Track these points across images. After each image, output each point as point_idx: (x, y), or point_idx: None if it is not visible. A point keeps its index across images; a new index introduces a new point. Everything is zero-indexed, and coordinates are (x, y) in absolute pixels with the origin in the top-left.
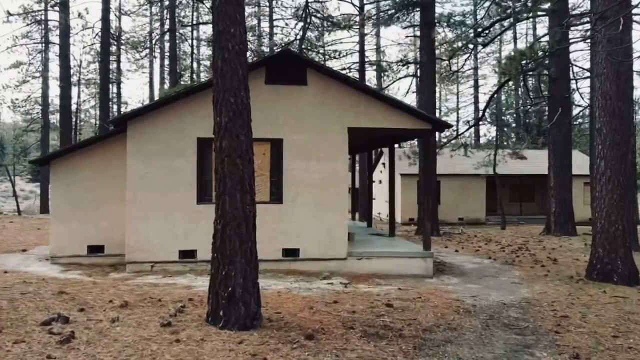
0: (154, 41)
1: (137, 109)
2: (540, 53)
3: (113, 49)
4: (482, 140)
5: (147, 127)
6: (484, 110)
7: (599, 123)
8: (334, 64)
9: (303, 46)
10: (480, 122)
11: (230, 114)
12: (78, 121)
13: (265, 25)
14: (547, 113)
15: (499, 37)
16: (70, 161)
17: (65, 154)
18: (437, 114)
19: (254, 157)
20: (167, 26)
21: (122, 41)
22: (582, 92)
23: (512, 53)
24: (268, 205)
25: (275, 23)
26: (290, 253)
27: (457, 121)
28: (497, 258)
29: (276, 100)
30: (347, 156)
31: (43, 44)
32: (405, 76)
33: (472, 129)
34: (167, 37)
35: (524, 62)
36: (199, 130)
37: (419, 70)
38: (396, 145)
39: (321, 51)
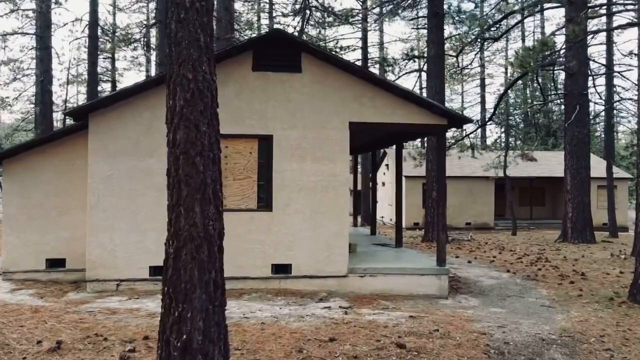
0: (143, 34)
1: (100, 99)
2: (558, 46)
3: (107, 46)
4: (489, 141)
5: (112, 121)
6: (495, 109)
7: None
8: None
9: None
10: (490, 122)
11: (187, 96)
12: (71, 121)
13: (265, 22)
14: (556, 112)
15: (509, 32)
16: (26, 161)
17: (21, 153)
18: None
19: (240, 156)
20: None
21: (117, 37)
22: (599, 92)
23: (533, 44)
24: (255, 213)
25: (275, 20)
26: (281, 269)
27: (478, 123)
28: (516, 271)
29: (265, 90)
30: (348, 156)
31: (35, 39)
32: (411, 71)
33: (479, 130)
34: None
35: (544, 53)
36: None
37: (426, 65)
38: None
39: (322, 45)
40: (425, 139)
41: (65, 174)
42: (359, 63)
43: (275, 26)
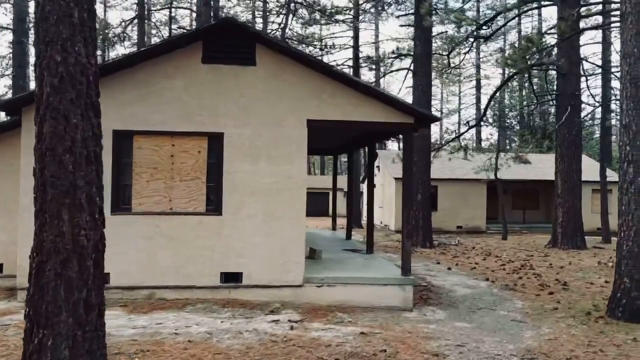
0: (123, 30)
1: (33, 92)
2: (548, 43)
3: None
4: (485, 144)
5: None
6: (486, 109)
7: (626, 117)
8: (328, 59)
9: (296, 40)
10: (483, 124)
11: (55, 81)
12: None
13: (259, 20)
14: (553, 114)
15: (502, 31)
16: None
17: None
18: (439, 116)
19: (188, 155)
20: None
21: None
22: (592, 93)
23: (518, 42)
24: (203, 217)
25: (270, 19)
26: (232, 278)
27: (459, 123)
28: (496, 279)
29: (216, 84)
30: (306, 156)
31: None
32: (399, 69)
33: (474, 132)
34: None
35: (531, 51)
36: (116, 120)
37: (413, 64)
38: (393, 146)
39: (309, 42)
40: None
41: (3, 174)
42: (349, 62)
43: (269, 26)
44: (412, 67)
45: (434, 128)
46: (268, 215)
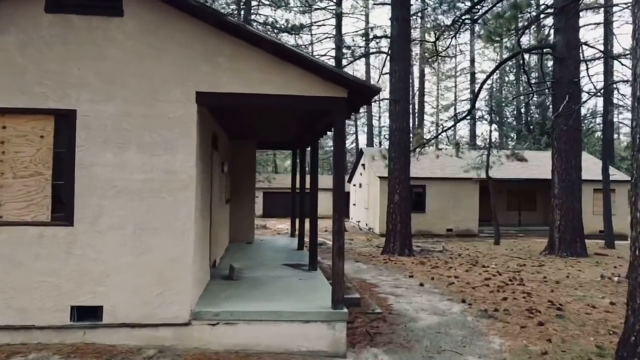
0: None
1: None
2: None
3: None
4: (482, 142)
5: None
6: (474, 100)
7: (639, 92)
8: (308, 49)
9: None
10: (475, 118)
11: None
12: None
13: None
14: (551, 106)
15: (489, 12)
16: None
17: None
18: (434, 111)
19: (25, 142)
20: None
21: None
22: (594, 83)
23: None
24: (47, 228)
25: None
26: (87, 314)
27: (456, 118)
28: (474, 301)
29: (65, 43)
30: (195, 143)
31: None
32: (377, 52)
33: (469, 128)
34: None
35: (519, 22)
36: None
37: (390, 48)
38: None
39: (274, 25)
40: (389, 135)
41: None
42: (333, 53)
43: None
44: (389, 52)
45: (428, 124)
46: (140, 226)
